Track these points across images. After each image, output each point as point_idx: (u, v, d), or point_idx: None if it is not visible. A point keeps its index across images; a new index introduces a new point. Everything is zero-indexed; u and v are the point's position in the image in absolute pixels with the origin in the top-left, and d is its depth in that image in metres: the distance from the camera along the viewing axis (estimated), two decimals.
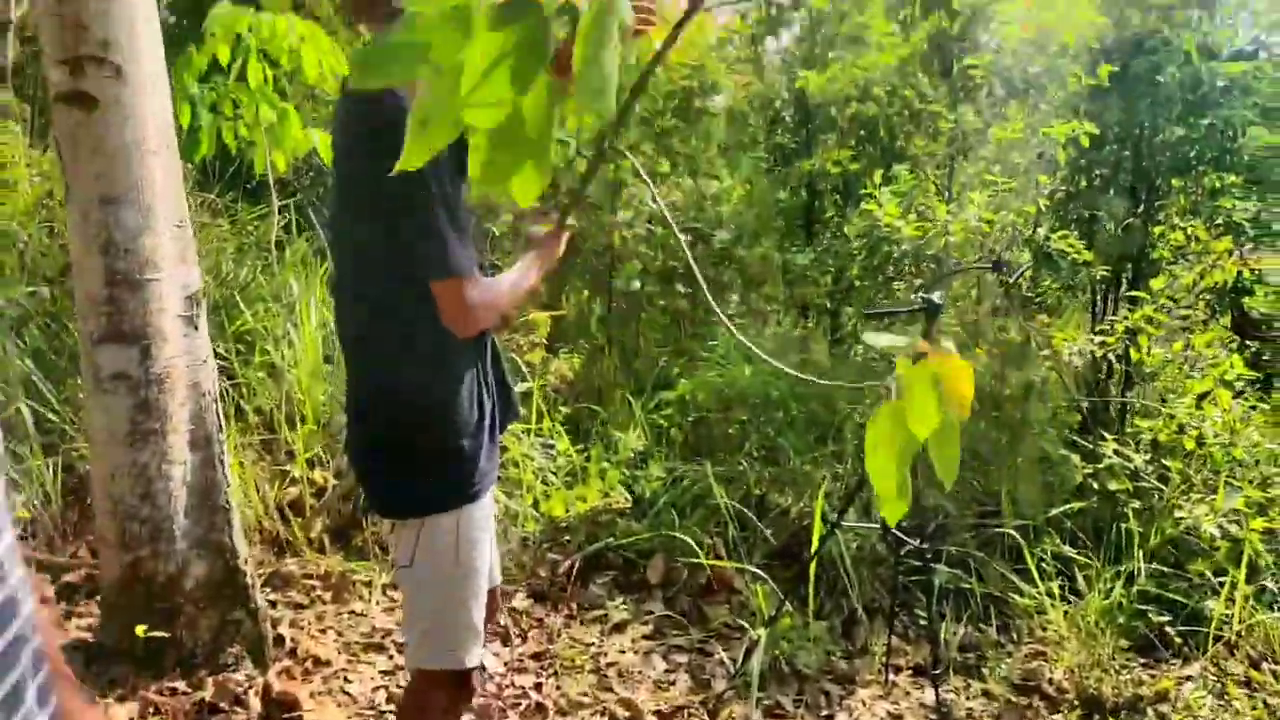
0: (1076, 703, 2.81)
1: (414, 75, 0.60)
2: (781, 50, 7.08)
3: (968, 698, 2.90)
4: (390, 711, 2.60)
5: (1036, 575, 3.10)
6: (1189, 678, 2.93)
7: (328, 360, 3.93)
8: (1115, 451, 3.39)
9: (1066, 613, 3.03)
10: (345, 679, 2.73)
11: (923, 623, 3.09)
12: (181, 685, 2.41)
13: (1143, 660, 3.05)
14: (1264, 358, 4.35)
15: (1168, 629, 3.09)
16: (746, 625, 3.09)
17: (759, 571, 3.22)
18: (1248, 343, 4.41)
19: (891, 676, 2.93)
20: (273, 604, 3.00)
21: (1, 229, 4.14)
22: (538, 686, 2.83)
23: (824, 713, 2.80)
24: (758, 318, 5.47)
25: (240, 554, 2.46)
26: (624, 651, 3.04)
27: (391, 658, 2.89)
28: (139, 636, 2.32)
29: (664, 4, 1.80)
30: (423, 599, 1.76)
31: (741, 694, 2.76)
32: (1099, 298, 4.78)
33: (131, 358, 2.15)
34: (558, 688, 2.82)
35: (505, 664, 2.93)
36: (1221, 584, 3.07)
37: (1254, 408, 3.46)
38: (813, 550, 2.95)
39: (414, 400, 1.70)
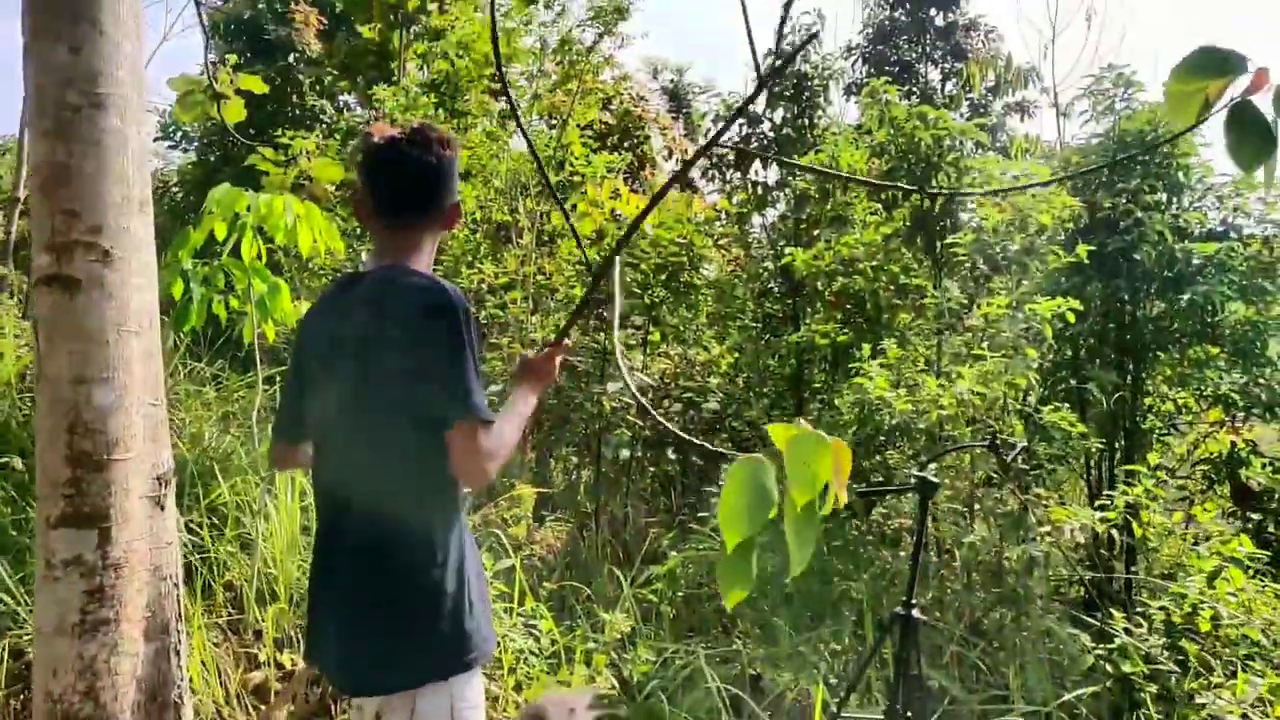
0: None
1: None
2: (767, 226, 7.32)
3: None
4: None
5: None
6: None
7: (305, 531, 3.80)
8: (1126, 630, 3.25)
9: None
10: None
11: None
12: None
13: None
14: (1267, 529, 4.27)
15: None
16: None
17: None
18: (1250, 515, 4.34)
19: None
20: None
21: None
22: None
23: None
24: None
25: None
26: None
27: None
28: None
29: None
30: None
31: None
32: (1093, 468, 4.73)
33: (88, 541, 2.03)
34: None
35: None
36: None
37: (1265, 586, 3.34)
38: None
39: (426, 554, 1.70)
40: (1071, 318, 3.87)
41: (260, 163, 4.81)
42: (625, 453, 5.09)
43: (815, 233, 5.96)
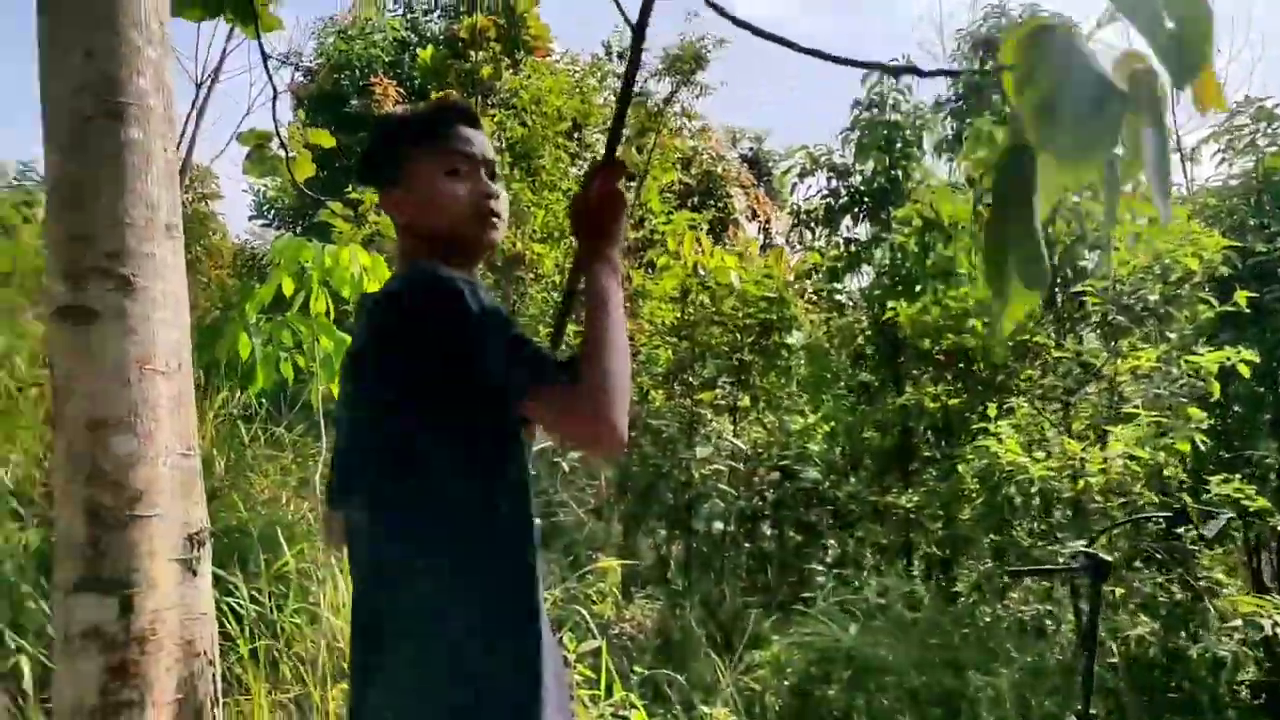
0: None
1: None
2: (862, 286, 6.95)
3: None
4: None
5: None
6: None
7: None
8: None
9: None
10: None
11: None
12: None
13: None
14: None
15: None
16: None
17: None
18: None
19: None
20: None
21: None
22: None
23: None
24: (855, 566, 4.92)
25: None
26: None
27: None
28: None
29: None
30: None
31: None
32: (1258, 550, 4.18)
33: (109, 609, 1.74)
34: None
35: None
36: None
37: None
38: None
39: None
40: (1246, 371, 3.40)
41: (330, 217, 4.69)
42: (719, 525, 4.68)
43: (917, 288, 5.57)
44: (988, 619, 3.54)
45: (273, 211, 13.89)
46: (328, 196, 4.84)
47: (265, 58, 3.43)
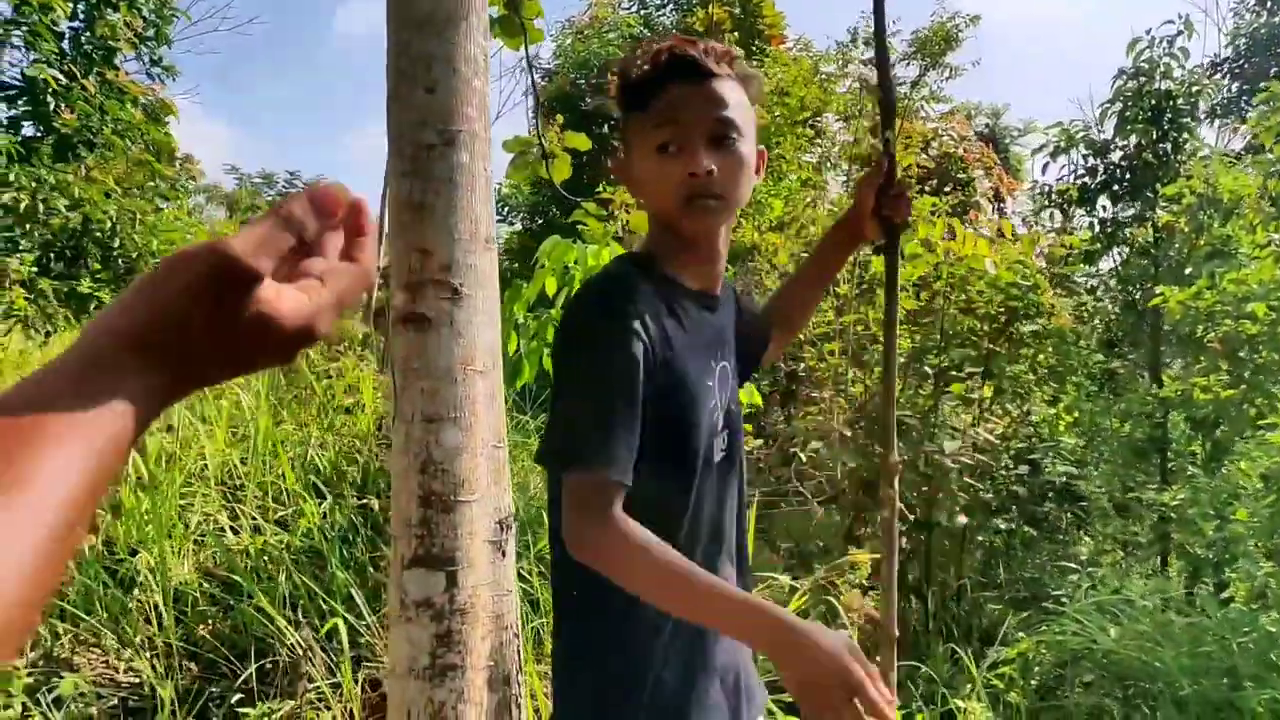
0: None
1: None
2: (1117, 268, 6.50)
3: None
4: None
5: None
6: None
7: None
8: None
9: None
10: None
11: None
12: None
13: None
14: None
15: None
16: None
17: None
18: None
19: None
20: None
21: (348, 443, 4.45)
22: None
23: None
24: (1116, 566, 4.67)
25: None
26: None
27: None
28: None
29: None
30: None
31: None
32: None
33: (438, 583, 2.00)
34: None
35: None
36: None
37: None
38: None
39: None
40: None
41: (582, 216, 4.95)
42: (961, 519, 4.59)
43: (1187, 271, 5.16)
44: (1271, 629, 3.28)
45: (507, 209, 14.64)
46: (578, 196, 5.11)
47: (531, 68, 3.72)
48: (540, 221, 11.36)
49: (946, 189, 9.42)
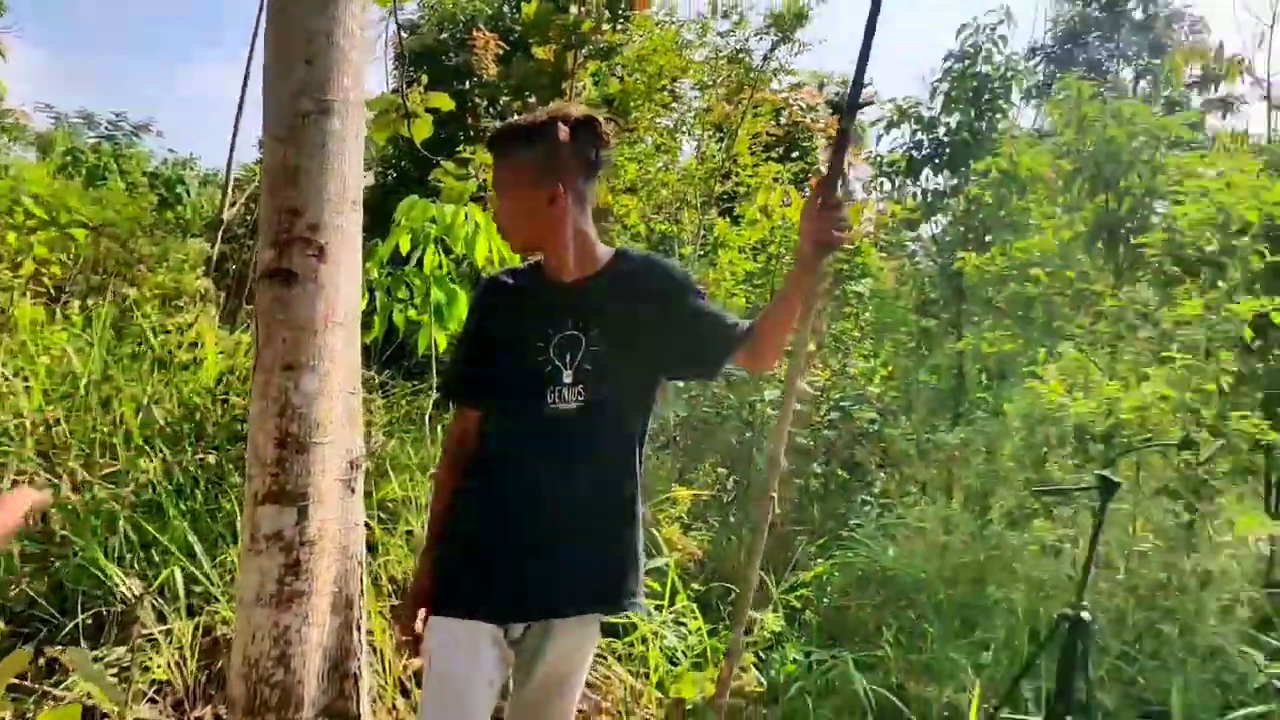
0: None
1: None
2: (936, 234, 7.11)
3: None
4: None
5: None
6: None
7: None
8: None
9: None
10: None
11: None
12: None
13: None
14: None
15: None
16: None
17: None
18: None
19: None
20: None
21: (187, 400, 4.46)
22: None
23: None
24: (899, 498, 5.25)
25: None
26: None
27: None
28: None
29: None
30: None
31: None
32: (1276, 484, 4.33)
33: (289, 518, 2.15)
34: None
35: None
36: None
37: None
38: None
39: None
40: (1277, 318, 3.56)
41: (441, 175, 5.04)
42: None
43: (988, 239, 5.76)
44: (1014, 543, 3.85)
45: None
46: (438, 154, 5.11)
47: (399, 28, 3.75)
48: (394, 175, 11.14)
49: (794, 155, 9.89)
